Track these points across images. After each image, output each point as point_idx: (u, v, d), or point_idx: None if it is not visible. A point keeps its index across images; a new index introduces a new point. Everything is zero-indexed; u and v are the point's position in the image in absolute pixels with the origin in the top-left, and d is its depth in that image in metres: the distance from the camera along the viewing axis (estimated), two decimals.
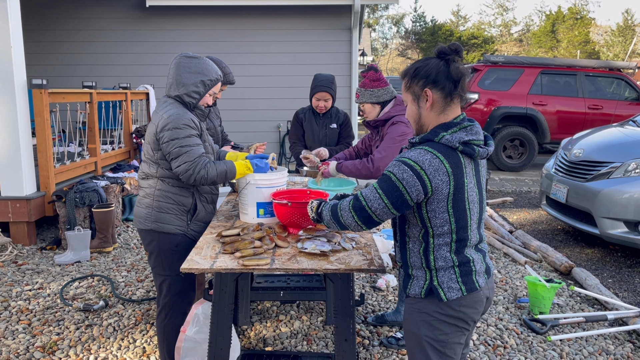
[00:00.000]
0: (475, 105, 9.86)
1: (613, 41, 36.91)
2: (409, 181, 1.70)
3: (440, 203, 1.73)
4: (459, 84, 1.77)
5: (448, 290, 1.78)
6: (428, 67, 1.79)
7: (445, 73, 1.76)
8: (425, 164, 1.70)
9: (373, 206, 1.78)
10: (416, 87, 1.81)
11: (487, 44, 35.46)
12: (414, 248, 1.84)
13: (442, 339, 1.81)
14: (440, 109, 1.80)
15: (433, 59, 1.81)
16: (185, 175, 2.44)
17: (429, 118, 1.82)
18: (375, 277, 4.30)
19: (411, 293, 1.86)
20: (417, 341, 1.84)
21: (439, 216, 1.75)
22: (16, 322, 3.46)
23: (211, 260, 2.07)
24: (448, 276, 1.79)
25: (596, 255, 5.14)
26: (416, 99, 1.83)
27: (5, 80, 4.72)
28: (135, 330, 3.35)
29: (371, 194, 1.79)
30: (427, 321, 1.82)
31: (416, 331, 1.84)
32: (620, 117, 9.60)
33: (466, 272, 1.80)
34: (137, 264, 4.59)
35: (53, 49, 8.93)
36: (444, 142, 1.74)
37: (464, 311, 1.80)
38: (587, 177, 5.06)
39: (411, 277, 1.86)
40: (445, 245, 1.78)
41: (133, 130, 7.23)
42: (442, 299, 1.78)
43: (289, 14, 8.95)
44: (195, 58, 2.54)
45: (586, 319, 3.57)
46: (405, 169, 1.71)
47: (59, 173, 5.24)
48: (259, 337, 3.30)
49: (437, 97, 1.78)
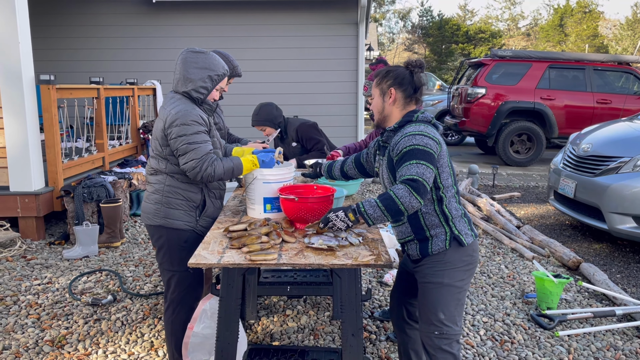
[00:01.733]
0: (483, 99, 9.81)
1: (622, 35, 36.55)
2: (430, 144, 2.05)
3: (442, 159, 2.11)
4: (418, 90, 2.24)
5: (465, 236, 2.13)
6: (397, 72, 2.24)
7: (409, 80, 2.22)
8: (428, 130, 2.10)
9: (427, 177, 2.00)
10: (384, 85, 2.24)
11: (494, 38, 35.20)
12: (428, 209, 2.13)
13: (459, 285, 2.13)
14: (402, 106, 2.24)
15: (401, 67, 2.26)
16: (193, 173, 2.44)
17: (391, 111, 2.25)
18: (382, 272, 4.30)
19: (434, 250, 2.11)
20: (439, 289, 2.11)
21: (444, 170, 2.11)
22: (25, 316, 3.49)
23: (218, 255, 2.07)
24: (462, 224, 2.14)
25: (604, 251, 5.11)
26: (382, 94, 2.26)
27: (13, 76, 4.75)
28: (143, 325, 3.37)
29: (419, 168, 2.00)
30: (451, 269, 2.11)
31: (439, 280, 2.11)
32: (629, 112, 9.52)
33: (469, 219, 2.19)
34: (145, 259, 4.61)
35: (61, 45, 8.96)
36: (421, 119, 2.19)
37: (474, 255, 2.16)
38: (596, 172, 5.03)
39: (430, 238, 2.13)
40: (453, 197, 2.15)
41: (140, 126, 7.25)
42: (463, 244, 2.10)
43: (296, 9, 8.92)
44: (202, 53, 2.53)
45: (594, 314, 3.55)
46: (421, 137, 2.06)
47: (67, 168, 5.26)
48: (266, 332, 3.31)
49: (399, 96, 2.22)
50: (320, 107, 8.90)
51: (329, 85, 8.97)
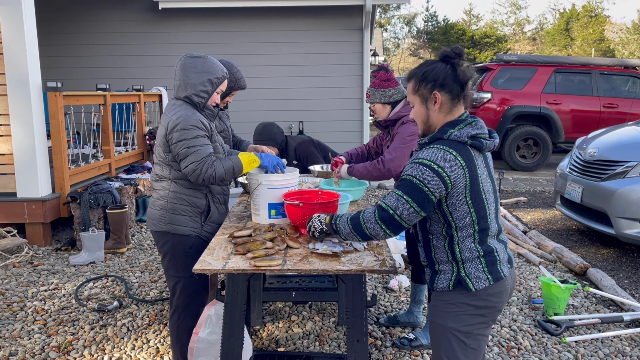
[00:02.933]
0: (488, 104, 9.79)
1: (628, 39, 36.45)
2: (430, 180, 1.77)
3: (459, 196, 1.80)
4: (465, 86, 1.87)
5: (476, 280, 1.85)
6: (436, 71, 1.86)
7: (452, 76, 1.85)
8: (441, 161, 1.77)
9: (402, 213, 1.82)
10: (424, 90, 1.88)
11: (500, 43, 35.22)
12: (439, 244, 1.90)
13: (467, 330, 1.86)
14: (447, 110, 1.88)
15: (439, 62, 1.89)
16: (194, 175, 2.44)
17: (437, 118, 1.89)
18: (388, 277, 4.28)
19: (439, 287, 1.90)
20: (443, 333, 1.89)
21: (460, 209, 1.82)
22: (32, 322, 3.50)
23: (223, 261, 2.07)
24: (475, 267, 1.85)
25: (612, 256, 5.07)
26: (424, 101, 1.90)
27: (20, 83, 4.79)
28: (149, 331, 3.38)
29: (397, 201, 1.82)
30: (454, 312, 1.87)
31: (442, 322, 1.89)
32: (636, 116, 9.48)
33: (491, 261, 1.87)
34: (151, 265, 4.63)
35: (67, 52, 9.03)
36: (453, 138, 1.83)
37: (491, 300, 1.86)
38: (602, 176, 5.00)
39: (438, 272, 1.92)
40: (469, 237, 1.85)
41: (146, 132, 7.28)
42: (470, 290, 1.84)
43: (301, 15, 8.95)
44: (200, 57, 2.55)
45: (602, 320, 3.52)
46: (424, 169, 1.77)
47: (74, 175, 5.29)
48: (272, 338, 3.30)
49: (445, 99, 1.86)
50: (325, 112, 8.92)
51: (334, 91, 8.99)
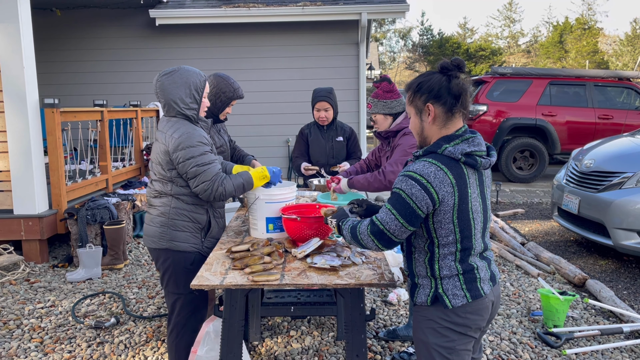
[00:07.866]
0: (484, 117, 9.84)
1: (622, 50, 36.77)
2: (417, 196, 1.74)
3: (446, 214, 1.77)
4: (460, 99, 1.81)
5: (453, 297, 1.82)
6: (431, 82, 1.83)
7: (446, 88, 1.80)
8: (431, 177, 1.74)
9: (391, 228, 1.80)
10: (419, 101, 1.85)
11: (494, 56, 35.46)
12: (420, 258, 1.88)
13: (449, 345, 1.83)
14: (442, 123, 1.84)
15: (436, 73, 1.85)
16: (205, 195, 2.45)
17: (432, 131, 1.86)
18: (387, 291, 4.27)
19: (418, 301, 1.89)
20: (426, 348, 1.87)
21: (445, 227, 1.78)
22: (28, 340, 3.47)
23: (221, 277, 2.07)
24: (452, 284, 1.82)
25: (610, 267, 5.07)
26: (419, 113, 1.87)
27: (18, 99, 4.80)
28: (147, 347, 3.35)
29: (386, 216, 1.81)
30: (434, 328, 1.85)
31: (424, 339, 1.87)
32: (631, 127, 9.53)
33: (470, 279, 1.83)
34: (148, 281, 4.60)
35: (65, 69, 9.07)
36: (446, 154, 1.79)
37: (469, 317, 1.83)
38: (599, 187, 5.02)
39: (418, 286, 1.90)
40: (450, 255, 1.82)
41: (144, 148, 7.29)
42: (447, 306, 1.81)
43: (297, 30, 9.02)
44: (175, 71, 2.52)
45: (601, 331, 3.51)
46: (412, 183, 1.75)
47: (71, 191, 5.28)
48: (270, 353, 3.28)
49: (439, 112, 1.82)
50: None
51: None
